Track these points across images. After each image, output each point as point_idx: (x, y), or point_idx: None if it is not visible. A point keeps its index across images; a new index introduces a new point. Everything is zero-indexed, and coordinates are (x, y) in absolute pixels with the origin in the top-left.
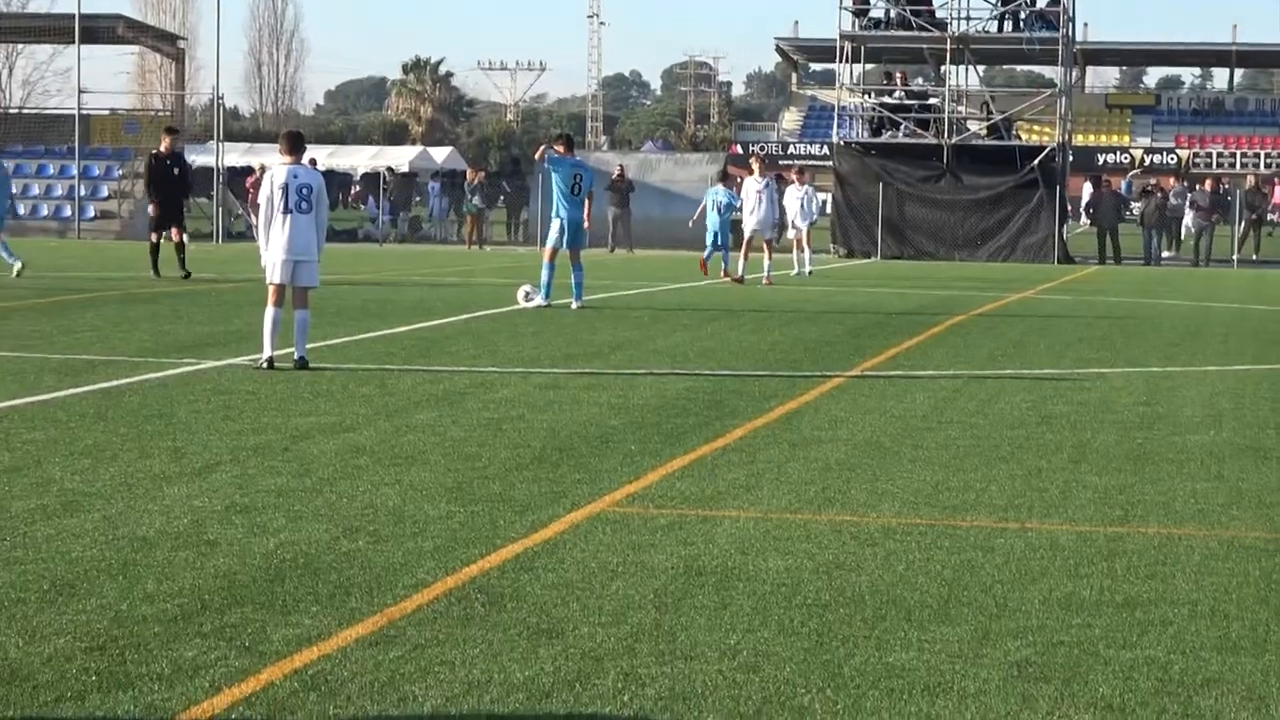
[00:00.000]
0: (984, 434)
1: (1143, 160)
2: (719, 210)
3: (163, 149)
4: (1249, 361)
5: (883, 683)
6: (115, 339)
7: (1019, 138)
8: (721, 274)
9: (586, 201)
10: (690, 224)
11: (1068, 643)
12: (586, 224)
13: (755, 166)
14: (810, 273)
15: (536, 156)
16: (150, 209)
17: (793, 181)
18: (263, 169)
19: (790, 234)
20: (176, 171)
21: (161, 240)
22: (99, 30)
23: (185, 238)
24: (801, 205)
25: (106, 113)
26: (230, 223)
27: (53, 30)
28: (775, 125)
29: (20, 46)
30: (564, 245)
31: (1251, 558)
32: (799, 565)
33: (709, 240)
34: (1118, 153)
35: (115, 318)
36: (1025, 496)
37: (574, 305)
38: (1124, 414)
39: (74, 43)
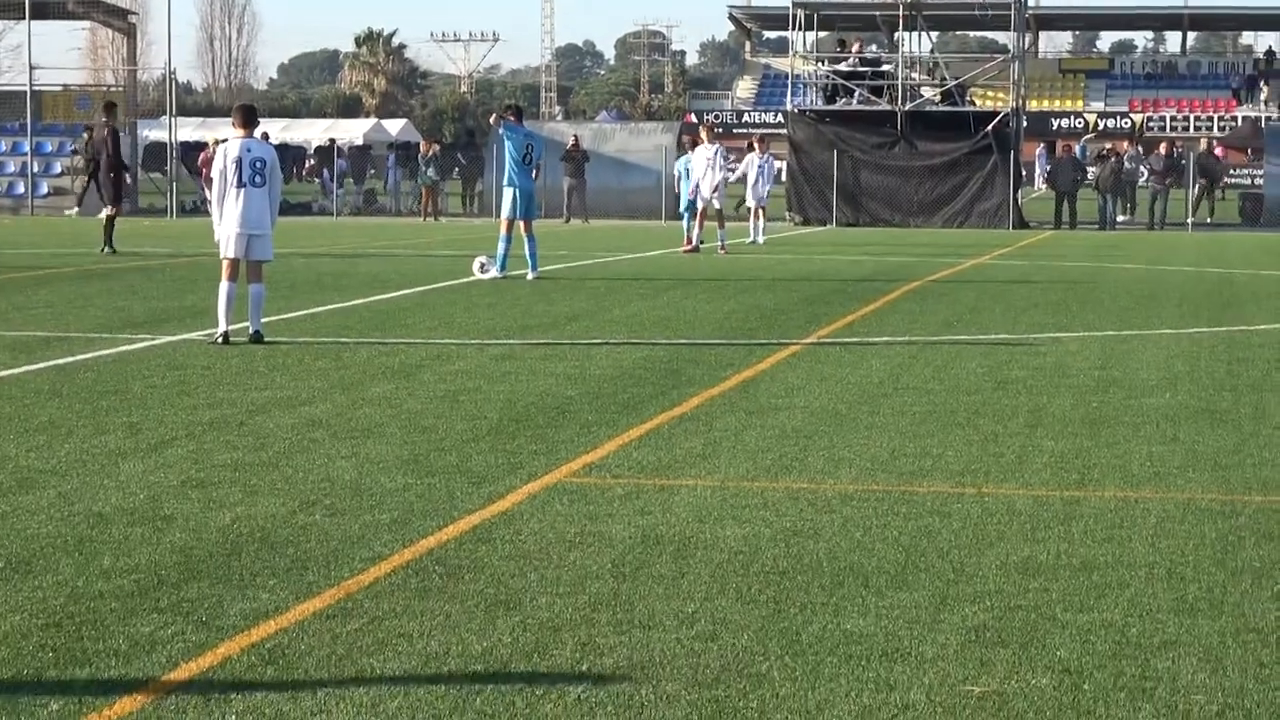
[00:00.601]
0: (940, 400)
1: (1096, 124)
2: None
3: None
4: (1204, 324)
5: (840, 649)
6: (69, 315)
7: (973, 103)
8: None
9: (535, 171)
10: (691, 195)
11: (1025, 607)
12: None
13: (704, 135)
14: (762, 242)
15: (492, 121)
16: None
17: (753, 149)
18: (215, 143)
19: (749, 203)
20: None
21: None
22: (49, 6)
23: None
24: (760, 173)
25: (59, 89)
26: (183, 197)
27: (3, 5)
28: (729, 94)
29: None
30: (518, 215)
31: (1208, 520)
32: (756, 533)
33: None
34: (1071, 117)
35: (70, 294)
36: (981, 462)
37: (529, 276)
38: (1080, 378)
39: (24, 19)
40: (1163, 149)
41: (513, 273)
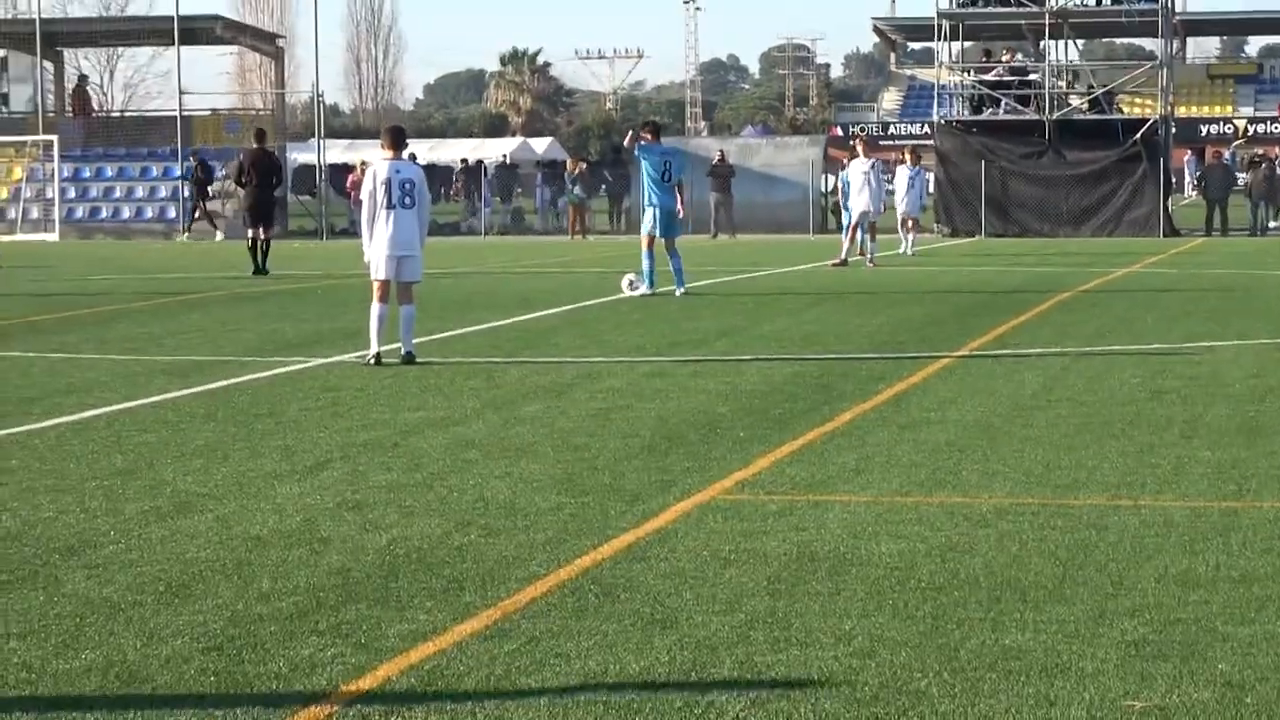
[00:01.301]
0: (1094, 411)
1: (1246, 130)
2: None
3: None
4: None
5: (999, 665)
6: (222, 339)
7: (1120, 111)
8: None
9: (678, 188)
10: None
11: (1185, 620)
12: (680, 210)
13: (859, 148)
14: (912, 254)
15: (625, 144)
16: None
17: (904, 161)
18: (364, 166)
19: (900, 214)
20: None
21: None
22: (197, 31)
23: (268, 235)
24: (911, 185)
25: (208, 113)
26: (332, 220)
27: (152, 33)
28: (875, 106)
29: (120, 50)
30: (659, 233)
31: None
32: (912, 549)
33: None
34: (1221, 123)
35: (222, 318)
36: (1138, 473)
37: (677, 293)
38: (1235, 387)
39: (173, 44)
40: None
41: (661, 289)
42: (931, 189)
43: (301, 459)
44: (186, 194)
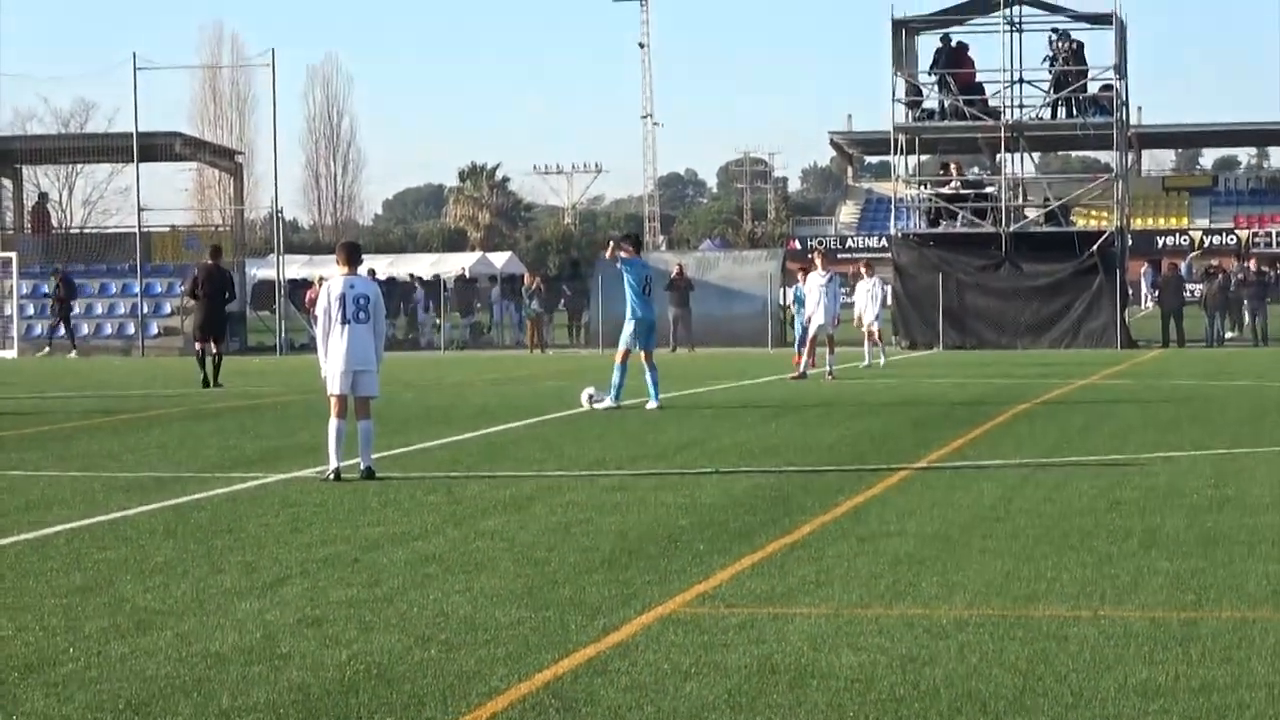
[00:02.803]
0: (1053, 522)
1: (1202, 242)
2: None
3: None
4: None
5: None
6: (182, 455)
7: (1076, 223)
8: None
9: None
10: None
11: None
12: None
13: (818, 261)
14: (883, 364)
15: (607, 256)
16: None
17: (861, 275)
18: (320, 281)
19: (864, 327)
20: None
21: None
22: (157, 148)
23: (218, 350)
24: (871, 298)
25: (167, 229)
26: (291, 335)
27: (111, 150)
28: (833, 219)
29: (80, 166)
30: (639, 346)
31: None
32: (873, 660)
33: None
34: (1177, 235)
35: (181, 434)
36: (1097, 584)
37: (650, 405)
38: (1193, 497)
39: (133, 161)
40: (1252, 264)
41: (627, 402)
42: (888, 301)
43: (261, 575)
44: (48, 312)
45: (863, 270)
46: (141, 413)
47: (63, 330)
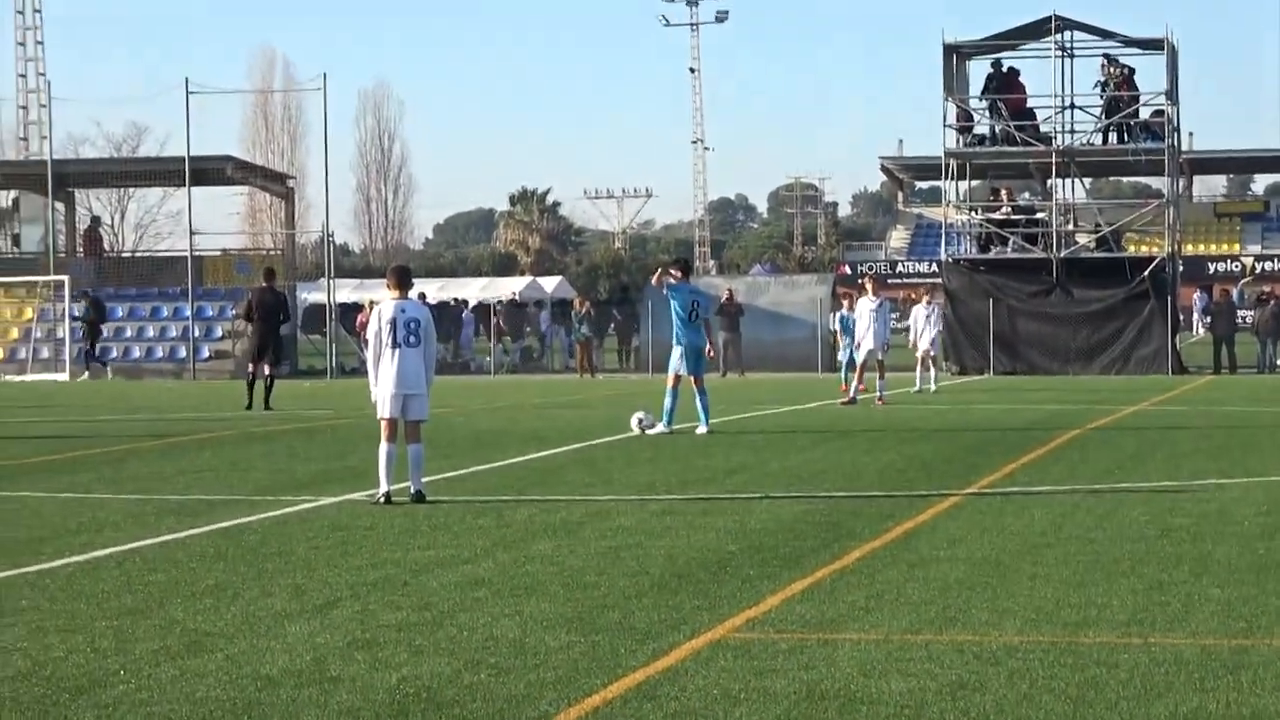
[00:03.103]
0: (1104, 548)
1: (1254, 268)
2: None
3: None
4: None
5: None
6: (233, 478)
7: (1127, 249)
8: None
9: (706, 327)
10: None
11: None
12: (709, 350)
13: (869, 286)
14: (934, 390)
15: (654, 282)
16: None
17: (919, 300)
18: (371, 305)
19: (919, 351)
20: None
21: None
22: (209, 172)
23: (272, 373)
24: (928, 322)
25: (218, 253)
26: (342, 359)
27: (163, 174)
28: (883, 244)
29: (132, 190)
30: (687, 370)
31: None
32: (922, 686)
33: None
34: (1228, 261)
35: (232, 457)
36: (1148, 611)
37: (700, 430)
38: (1244, 524)
39: (185, 185)
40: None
41: (679, 426)
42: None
43: (311, 598)
44: (79, 334)
45: (922, 295)
46: (192, 436)
47: (96, 352)
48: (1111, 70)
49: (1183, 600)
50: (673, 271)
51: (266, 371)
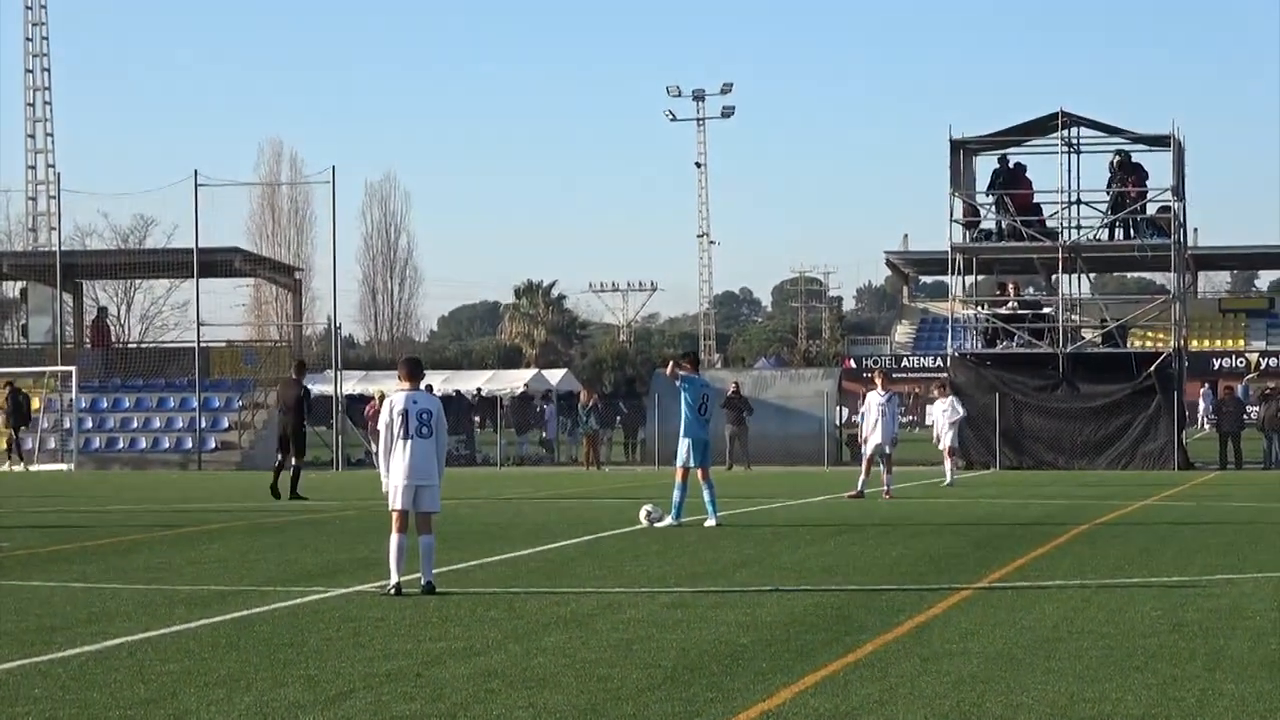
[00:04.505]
0: (1116, 643)
1: (1259, 364)
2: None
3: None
4: None
5: None
6: (243, 569)
7: (1133, 344)
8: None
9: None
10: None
11: None
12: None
13: (877, 380)
14: (949, 483)
15: (666, 374)
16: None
17: (936, 395)
18: (381, 396)
19: (940, 445)
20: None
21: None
22: (216, 264)
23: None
24: (947, 418)
25: (224, 344)
26: (349, 450)
27: (171, 265)
28: (888, 338)
29: (138, 281)
30: (694, 463)
31: None
32: None
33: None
34: (1233, 357)
35: (242, 547)
36: (1162, 706)
37: (709, 522)
38: (1256, 619)
39: (192, 276)
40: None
41: (688, 519)
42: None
43: (325, 689)
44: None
45: (936, 391)
46: (200, 526)
47: (27, 443)
48: (1118, 166)
49: (1197, 696)
50: (684, 364)
51: (291, 462)
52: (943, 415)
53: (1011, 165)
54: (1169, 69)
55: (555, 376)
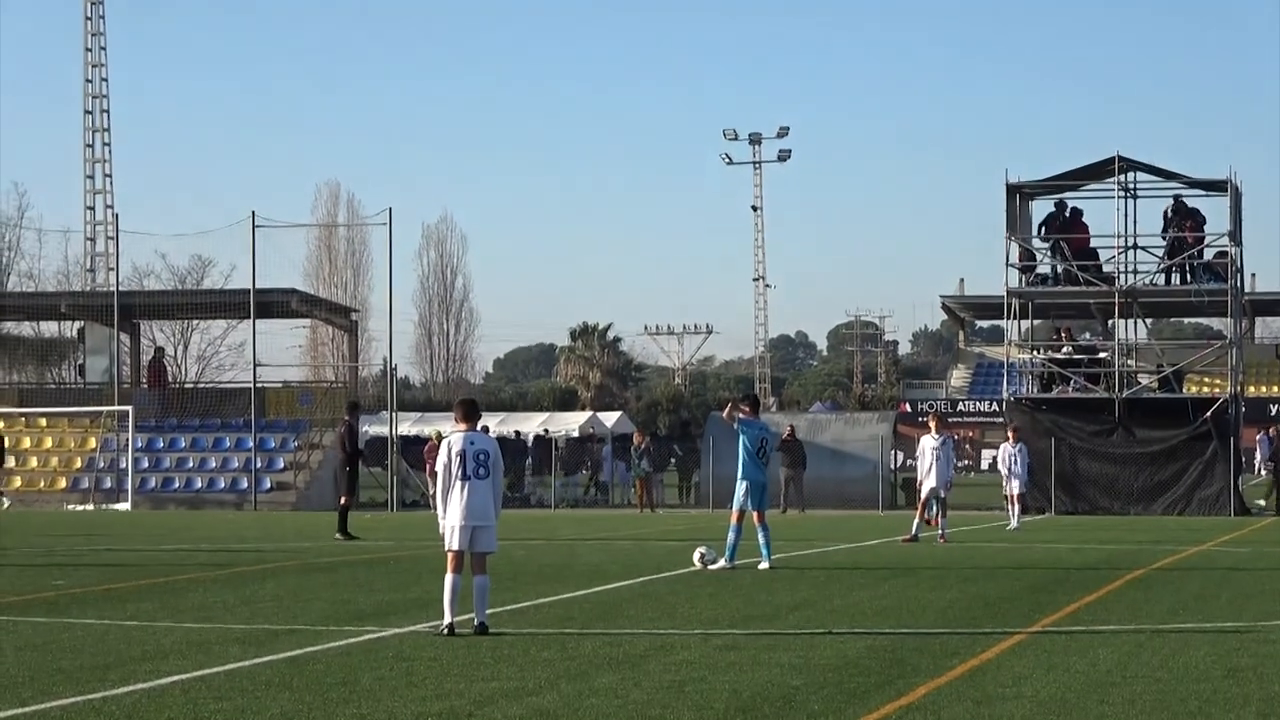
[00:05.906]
0: (1170, 689)
1: None
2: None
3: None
4: None
5: None
6: (296, 608)
7: (1188, 389)
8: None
9: (767, 462)
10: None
11: None
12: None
13: (932, 424)
14: (1014, 527)
15: (724, 416)
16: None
17: (1007, 440)
18: (439, 436)
19: (1009, 490)
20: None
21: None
22: (273, 305)
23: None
24: (1015, 462)
25: (280, 385)
26: (404, 492)
27: (228, 306)
28: (943, 382)
29: (195, 322)
30: (750, 506)
31: None
32: None
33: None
34: None
35: (295, 587)
36: None
37: (762, 565)
38: None
39: (249, 317)
40: None
41: (742, 562)
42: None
43: None
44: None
45: (1010, 434)
46: (255, 566)
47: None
48: (1175, 213)
49: None
50: (743, 406)
51: (342, 500)
52: (1007, 459)
53: (1068, 210)
54: (1226, 114)
55: (610, 419)
